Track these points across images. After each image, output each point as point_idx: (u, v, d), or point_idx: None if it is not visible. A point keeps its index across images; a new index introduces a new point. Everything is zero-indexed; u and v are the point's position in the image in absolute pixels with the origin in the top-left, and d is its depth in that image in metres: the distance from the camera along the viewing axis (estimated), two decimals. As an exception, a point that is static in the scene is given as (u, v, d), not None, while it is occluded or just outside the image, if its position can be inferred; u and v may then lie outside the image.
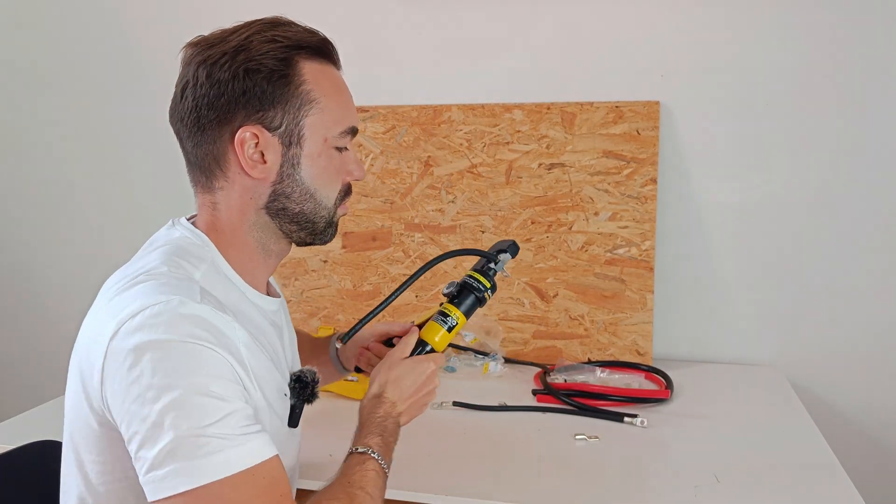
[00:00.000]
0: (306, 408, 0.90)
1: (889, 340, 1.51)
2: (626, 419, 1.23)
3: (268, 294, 0.91)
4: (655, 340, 1.57)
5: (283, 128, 0.81)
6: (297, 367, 0.93)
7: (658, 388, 1.40)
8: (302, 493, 1.00)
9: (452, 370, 1.51)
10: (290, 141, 0.82)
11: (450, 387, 1.39)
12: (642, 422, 1.22)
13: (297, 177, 0.83)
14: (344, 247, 1.67)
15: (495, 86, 1.60)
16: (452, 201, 1.60)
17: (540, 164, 1.55)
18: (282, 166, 0.82)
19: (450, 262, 1.59)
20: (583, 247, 1.54)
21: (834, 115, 1.46)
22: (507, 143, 1.57)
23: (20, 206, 1.96)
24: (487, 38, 1.59)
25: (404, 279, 0.97)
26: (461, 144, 1.59)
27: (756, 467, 1.07)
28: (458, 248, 1.59)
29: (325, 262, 1.67)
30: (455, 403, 1.32)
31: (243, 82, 0.79)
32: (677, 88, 1.52)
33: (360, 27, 1.65)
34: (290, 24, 0.83)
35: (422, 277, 0.93)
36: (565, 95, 1.56)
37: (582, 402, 1.30)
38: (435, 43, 1.63)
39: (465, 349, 1.55)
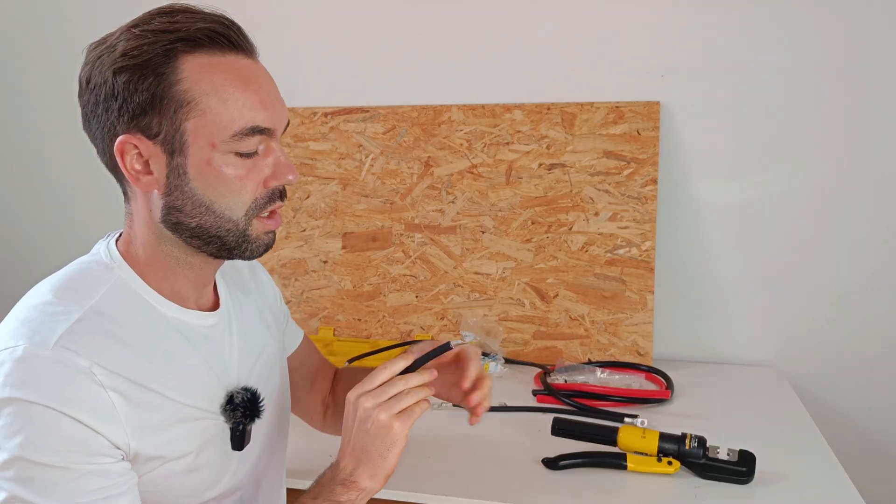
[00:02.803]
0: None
1: (889, 340, 1.51)
2: (626, 419, 1.23)
3: (213, 306, 0.85)
4: (656, 341, 1.57)
5: (163, 135, 0.72)
6: (244, 383, 0.84)
7: (658, 389, 1.40)
8: (294, 493, 1.00)
9: (452, 370, 1.51)
10: (173, 149, 0.72)
11: (450, 387, 1.39)
12: (643, 422, 1.22)
13: (187, 188, 0.73)
14: (344, 247, 1.67)
15: (495, 86, 1.60)
16: (452, 202, 1.60)
17: (540, 165, 1.55)
18: (168, 177, 0.73)
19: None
20: (583, 247, 1.54)
21: (834, 116, 1.46)
22: (508, 143, 1.57)
23: (22, 206, 1.96)
24: (487, 38, 1.59)
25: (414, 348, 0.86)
26: (461, 145, 1.59)
27: (756, 467, 1.07)
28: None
29: (325, 262, 1.67)
30: (455, 404, 1.32)
31: (113, 85, 0.71)
32: (677, 88, 1.52)
33: (359, 27, 1.65)
34: (185, 10, 0.73)
35: (423, 279, 0.94)
36: (565, 95, 1.56)
37: (582, 402, 1.30)
38: (435, 43, 1.62)
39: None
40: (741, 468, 1.03)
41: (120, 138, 0.72)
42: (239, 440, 0.81)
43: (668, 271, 1.57)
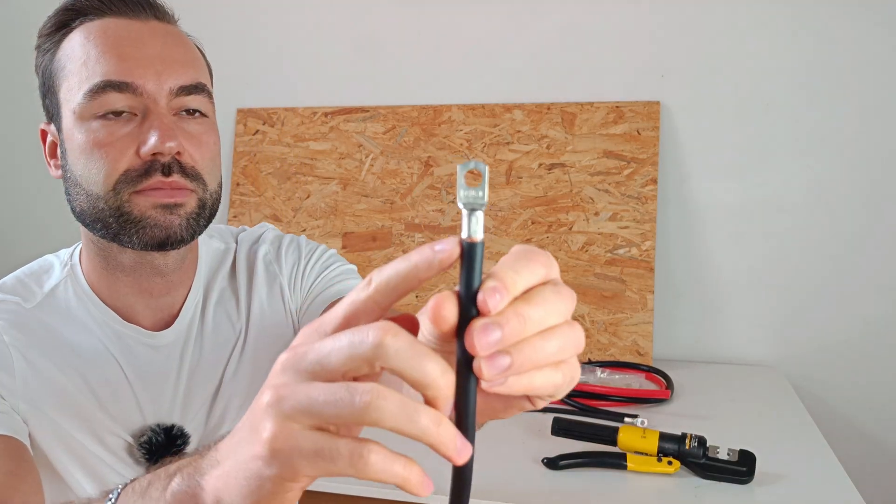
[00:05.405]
0: None
1: (888, 340, 1.51)
2: (626, 419, 1.23)
3: (172, 322, 0.74)
4: (655, 341, 1.57)
5: (55, 114, 0.68)
6: (179, 417, 0.73)
7: (658, 389, 1.40)
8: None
9: (452, 370, 1.51)
10: (59, 127, 0.67)
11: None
12: (642, 422, 1.22)
13: (68, 167, 0.67)
14: (344, 247, 1.67)
15: (495, 86, 1.60)
16: (453, 201, 1.60)
17: (540, 165, 1.55)
18: (61, 159, 0.69)
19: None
20: (583, 247, 1.54)
21: (834, 115, 1.46)
22: (508, 143, 1.57)
23: (22, 203, 1.96)
24: (487, 38, 1.59)
25: None
26: (461, 144, 1.59)
27: (756, 467, 1.07)
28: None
29: (325, 262, 1.67)
30: None
31: (35, 70, 0.69)
32: (677, 88, 1.52)
33: (359, 27, 1.65)
34: None
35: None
36: (565, 95, 1.56)
37: (582, 402, 1.30)
38: (435, 43, 1.62)
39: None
40: (741, 468, 1.03)
41: (40, 128, 0.71)
42: None
43: (668, 271, 1.57)
